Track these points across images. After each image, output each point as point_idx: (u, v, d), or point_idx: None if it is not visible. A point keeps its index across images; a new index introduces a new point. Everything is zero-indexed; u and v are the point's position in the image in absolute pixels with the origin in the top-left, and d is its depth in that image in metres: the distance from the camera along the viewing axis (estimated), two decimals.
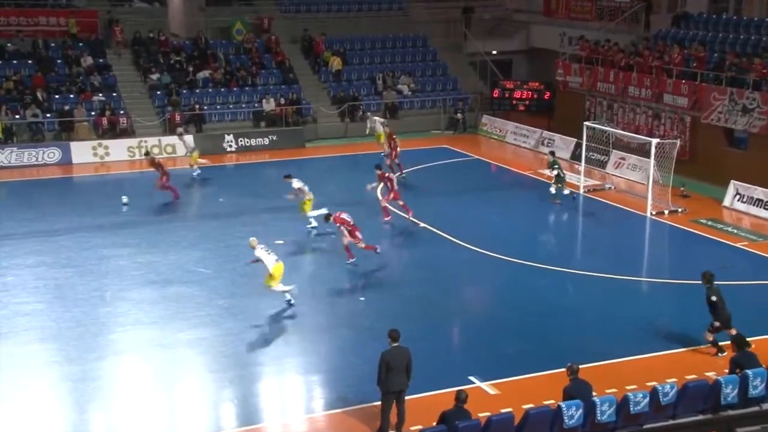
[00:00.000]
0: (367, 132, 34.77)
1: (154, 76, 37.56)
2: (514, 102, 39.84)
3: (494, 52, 43.31)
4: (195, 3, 41.31)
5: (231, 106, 37.68)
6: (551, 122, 37.42)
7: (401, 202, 25.60)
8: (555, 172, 27.91)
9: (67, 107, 35.04)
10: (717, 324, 16.91)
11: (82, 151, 33.34)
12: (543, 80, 39.77)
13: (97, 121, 34.86)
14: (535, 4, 43.35)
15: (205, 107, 37.01)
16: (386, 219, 25.55)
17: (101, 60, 37.52)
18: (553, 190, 27.88)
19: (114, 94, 36.32)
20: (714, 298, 16.87)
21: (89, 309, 19.53)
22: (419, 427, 13.17)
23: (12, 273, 21.80)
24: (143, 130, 35.38)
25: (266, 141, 36.24)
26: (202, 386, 16.43)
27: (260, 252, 19.24)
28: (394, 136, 30.92)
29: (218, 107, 37.43)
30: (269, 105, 37.46)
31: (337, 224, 21.88)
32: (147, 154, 30.12)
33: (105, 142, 34.00)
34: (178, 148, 33.90)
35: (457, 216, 26.47)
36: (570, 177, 29.17)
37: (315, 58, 40.98)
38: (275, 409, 15.81)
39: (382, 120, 34.44)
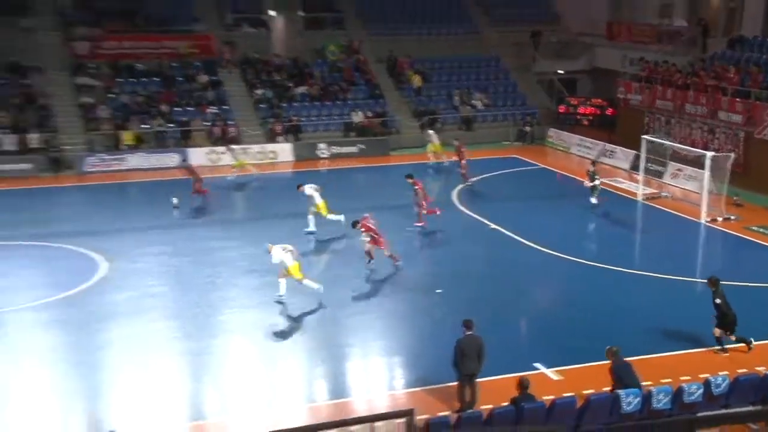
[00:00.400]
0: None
1: (259, 91, 38.12)
2: (579, 117, 39.27)
3: (560, 72, 42.70)
4: (295, 28, 41.80)
5: (324, 118, 37.98)
6: (613, 136, 36.70)
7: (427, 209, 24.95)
8: (595, 183, 27.20)
9: (186, 118, 35.85)
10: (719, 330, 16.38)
11: (198, 156, 34.06)
12: (606, 97, 39.08)
13: (211, 130, 35.57)
14: (599, 28, 42.56)
15: (302, 119, 37.40)
16: (422, 224, 24.86)
17: (215, 77, 38.25)
18: (594, 200, 27.21)
19: (225, 107, 36.99)
20: (718, 301, 16.35)
21: (204, 293, 19.96)
22: (490, 406, 13.07)
23: (141, 260, 22.38)
24: (249, 138, 35.92)
25: (355, 149, 36.43)
26: (298, 363, 16.63)
27: (278, 252, 19.00)
28: (463, 148, 30.75)
29: (313, 119, 37.77)
30: (358, 117, 37.67)
31: (363, 230, 21.27)
32: (184, 161, 30.11)
33: (218, 148, 34.67)
34: (279, 154, 34.65)
35: (524, 219, 26.14)
36: (629, 186, 28.55)
37: (398, 76, 41.01)
38: (361, 385, 15.89)
39: (435, 134, 34.41)
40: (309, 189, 24.31)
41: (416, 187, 24.79)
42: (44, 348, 17.15)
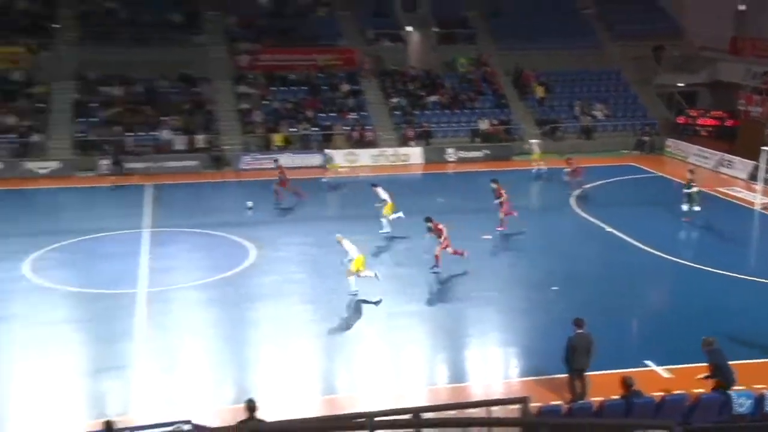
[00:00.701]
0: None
1: (395, 100, 38.41)
2: (698, 128, 37.37)
3: (681, 85, 40.68)
4: (429, 42, 41.83)
5: (453, 125, 37.82)
6: (733, 146, 34.63)
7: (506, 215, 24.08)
8: (692, 190, 25.62)
9: (328, 123, 36.61)
10: None
11: (338, 157, 34.69)
12: (726, 109, 36.98)
13: (350, 134, 36.17)
14: (722, 43, 40.26)
15: (433, 125, 37.40)
16: (502, 228, 23.94)
17: (356, 87, 38.85)
18: (685, 207, 25.62)
19: (364, 113, 37.49)
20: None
21: (338, 280, 20.25)
22: (601, 398, 12.62)
23: (284, 249, 23.02)
24: (384, 142, 36.30)
25: (480, 154, 36.08)
26: (421, 348, 16.63)
27: (348, 243, 18.89)
28: (573, 160, 29.82)
29: (443, 125, 37.68)
30: (484, 124, 37.29)
31: (433, 230, 20.71)
32: (275, 161, 30.15)
33: (355, 150, 35.20)
34: (410, 157, 35.08)
35: (639, 223, 25.09)
36: (746, 195, 26.89)
37: (523, 87, 40.30)
38: (478, 372, 15.73)
39: (538, 142, 33.53)
40: (382, 192, 24.13)
41: (499, 192, 24.05)
42: (201, 323, 17.94)
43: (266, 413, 11.52)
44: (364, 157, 35.13)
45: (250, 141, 35.40)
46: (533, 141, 34.26)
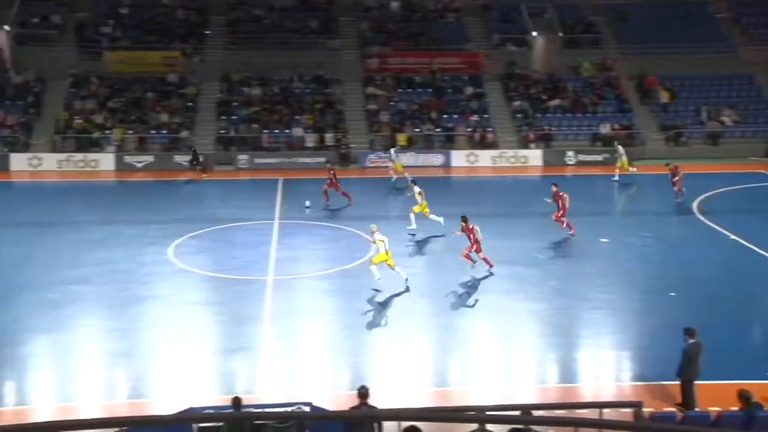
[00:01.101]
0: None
1: (517, 103, 37.75)
2: None
3: None
4: (554, 47, 40.80)
5: (574, 128, 36.75)
6: None
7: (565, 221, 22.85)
8: None
9: (451, 124, 36.48)
10: None
11: (459, 158, 34.52)
12: None
13: (471, 135, 35.88)
14: None
15: (554, 128, 36.49)
16: (570, 232, 22.75)
17: (479, 89, 38.48)
18: None
19: (485, 115, 37.09)
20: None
21: (455, 277, 20.09)
22: (717, 408, 11.87)
23: (404, 243, 22.98)
24: (504, 144, 35.77)
25: (599, 158, 34.82)
26: (533, 347, 16.27)
27: (379, 236, 18.55)
28: (676, 165, 27.85)
29: (564, 129, 36.69)
30: (605, 129, 35.99)
31: (464, 230, 19.91)
32: (327, 162, 29.55)
33: (476, 151, 34.88)
34: (530, 159, 34.29)
35: (765, 230, 23.41)
36: None
37: (647, 91, 38.55)
38: (589, 373, 15.20)
39: (622, 149, 31.25)
40: (418, 189, 23.64)
41: (559, 196, 22.89)
42: (323, 310, 18.34)
43: (378, 401, 11.60)
44: (484, 158, 34.76)
45: (375, 140, 35.84)
46: (620, 147, 31.65)
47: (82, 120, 34.67)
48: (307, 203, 26.82)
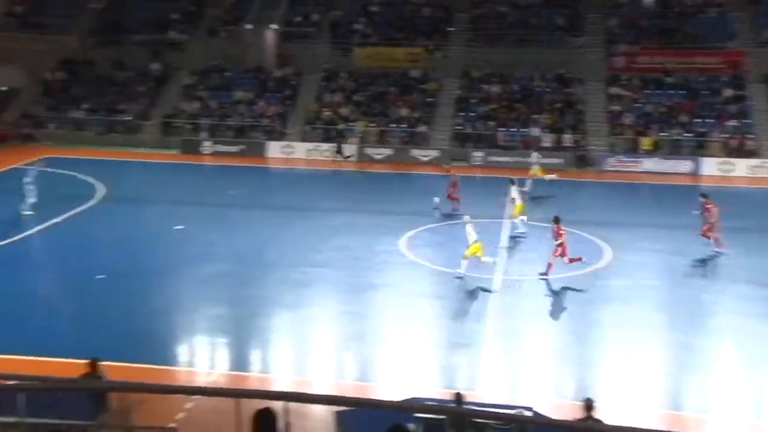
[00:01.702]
0: None
1: None
2: None
3: None
4: None
5: None
6: None
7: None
8: None
9: (704, 129, 33.90)
10: None
11: (710, 165, 31.99)
12: None
13: (727, 141, 33.04)
14: None
15: None
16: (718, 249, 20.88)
17: (740, 91, 35.28)
18: None
19: (746, 120, 33.95)
20: None
21: (695, 291, 18.73)
22: None
23: (641, 254, 21.77)
24: (767, 152, 32.46)
25: None
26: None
27: (470, 228, 19.29)
28: None
29: None
30: None
31: (556, 232, 19.46)
32: (446, 164, 27.68)
33: (731, 159, 32.06)
34: None
35: None
36: None
37: None
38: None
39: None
40: (515, 191, 23.62)
41: (708, 207, 20.96)
42: (548, 314, 18.11)
43: (604, 415, 11.20)
44: (741, 167, 31.89)
45: (616, 143, 34.38)
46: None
47: (330, 112, 37.30)
48: (436, 199, 25.94)
